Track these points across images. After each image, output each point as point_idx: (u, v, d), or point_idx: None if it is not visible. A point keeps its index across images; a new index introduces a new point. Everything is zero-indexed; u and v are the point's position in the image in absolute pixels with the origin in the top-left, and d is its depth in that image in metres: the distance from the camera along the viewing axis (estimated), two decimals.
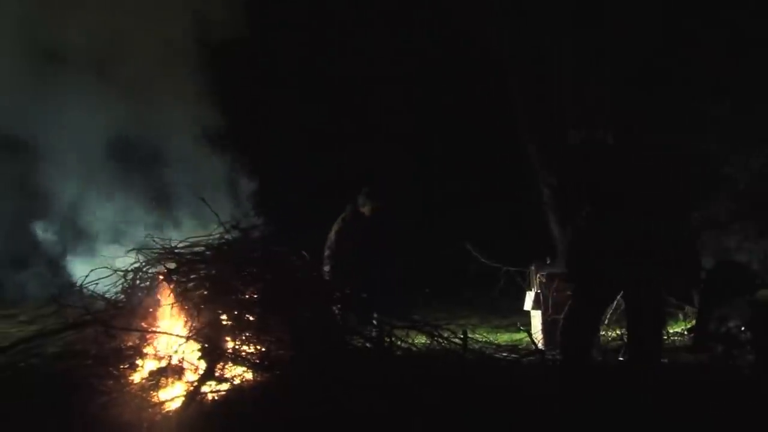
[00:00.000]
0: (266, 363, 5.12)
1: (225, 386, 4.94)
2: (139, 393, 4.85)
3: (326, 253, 7.36)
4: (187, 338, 5.14)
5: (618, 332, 8.12)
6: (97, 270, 5.58)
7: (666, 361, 6.28)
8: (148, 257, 5.74)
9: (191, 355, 5.10)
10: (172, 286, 5.50)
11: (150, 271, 5.72)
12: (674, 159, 5.83)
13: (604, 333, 8.21)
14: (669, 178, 5.64)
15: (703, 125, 8.40)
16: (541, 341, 7.80)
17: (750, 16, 8.30)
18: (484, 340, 6.57)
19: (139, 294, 5.64)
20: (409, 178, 9.49)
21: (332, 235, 7.45)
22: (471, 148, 14.81)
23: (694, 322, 7.46)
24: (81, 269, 5.99)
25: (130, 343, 5.30)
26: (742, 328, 6.42)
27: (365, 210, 7.49)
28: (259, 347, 5.22)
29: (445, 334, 5.91)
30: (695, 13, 8.73)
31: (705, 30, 8.62)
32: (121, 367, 5.11)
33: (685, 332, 7.98)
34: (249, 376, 5.08)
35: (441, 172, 14.89)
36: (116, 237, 6.88)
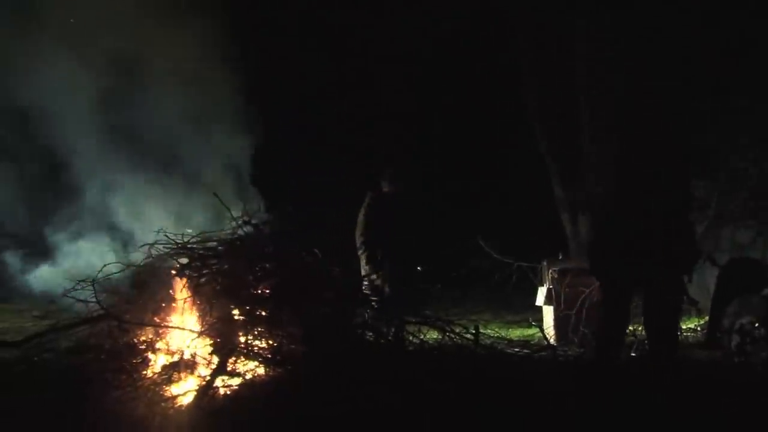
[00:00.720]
0: (278, 358, 5.13)
1: (237, 381, 4.96)
2: (152, 387, 4.87)
3: (360, 240, 7.37)
4: (200, 333, 5.16)
5: (630, 328, 8.10)
6: (111, 265, 5.61)
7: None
8: (161, 252, 5.76)
9: (203, 349, 5.12)
10: (184, 281, 5.52)
11: (163, 266, 5.74)
12: (687, 155, 5.80)
13: None
14: (682, 174, 5.63)
15: (713, 121, 8.38)
16: (552, 336, 7.79)
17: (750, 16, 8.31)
18: (496, 335, 6.56)
19: (152, 289, 5.65)
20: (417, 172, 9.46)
21: (361, 220, 7.45)
22: (483, 145, 14.83)
23: (707, 318, 7.43)
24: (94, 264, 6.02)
25: (143, 338, 5.33)
26: (756, 325, 6.38)
27: (388, 189, 7.52)
28: (271, 342, 5.23)
29: (457, 330, 5.90)
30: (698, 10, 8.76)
31: (707, 29, 8.62)
32: (134, 361, 5.13)
33: (698, 328, 7.95)
34: (261, 370, 5.10)
35: (452, 169, 14.91)
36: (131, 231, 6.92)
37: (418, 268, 7.46)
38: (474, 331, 5.94)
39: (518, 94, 12.72)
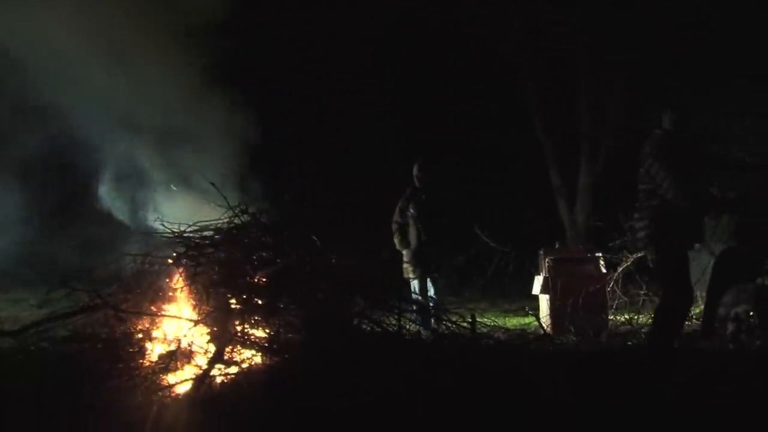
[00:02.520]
0: (275, 347, 5.13)
1: (234, 370, 4.96)
2: (149, 376, 4.87)
3: (394, 227, 8.20)
4: (197, 322, 5.16)
5: (626, 317, 8.13)
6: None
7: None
8: (158, 241, 5.76)
9: (200, 338, 5.12)
10: (181, 270, 5.52)
11: (159, 255, 5.73)
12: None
13: (612, 318, 8.23)
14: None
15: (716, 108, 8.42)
16: (549, 325, 7.81)
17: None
18: (492, 324, 6.58)
19: (149, 278, 5.66)
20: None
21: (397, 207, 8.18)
22: (481, 134, 14.82)
23: (702, 306, 7.45)
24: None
25: (139, 327, 5.33)
26: (750, 313, 6.40)
27: (417, 180, 8.14)
28: (267, 331, 5.23)
29: (454, 319, 5.91)
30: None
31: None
32: (131, 350, 5.14)
33: (694, 317, 7.97)
34: (258, 359, 5.10)
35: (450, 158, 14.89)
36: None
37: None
38: (470, 320, 5.94)
39: (515, 83, 12.76)
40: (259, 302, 5.36)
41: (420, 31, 13.31)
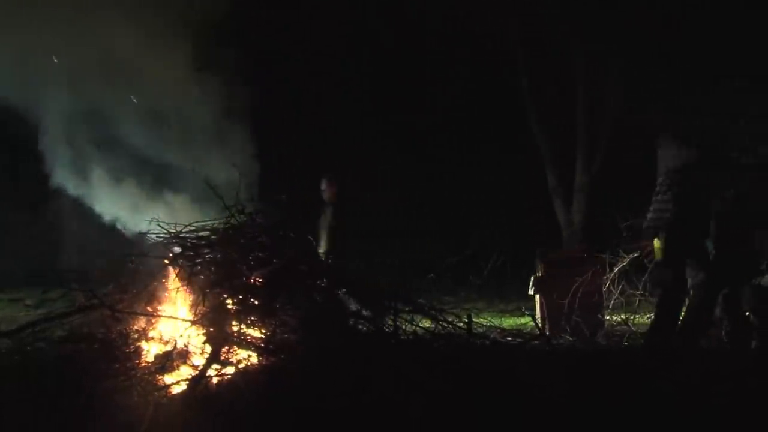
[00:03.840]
0: (271, 347, 5.13)
1: (230, 370, 4.96)
2: (145, 376, 4.87)
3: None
4: (193, 322, 5.16)
5: (623, 317, 8.13)
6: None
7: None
8: (154, 242, 5.76)
9: (197, 338, 5.12)
10: (177, 271, 5.52)
11: (156, 255, 5.73)
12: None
13: (609, 318, 8.23)
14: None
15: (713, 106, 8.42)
16: (545, 325, 7.81)
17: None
18: (489, 324, 6.58)
19: (146, 278, 5.65)
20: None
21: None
22: (479, 137, 14.85)
23: None
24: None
25: (136, 327, 5.32)
26: (747, 314, 6.40)
27: (323, 194, 7.94)
28: (264, 331, 5.23)
29: (450, 318, 5.91)
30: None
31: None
32: (127, 350, 5.13)
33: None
34: (254, 359, 5.10)
35: (449, 159, 14.92)
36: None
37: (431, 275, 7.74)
38: (467, 320, 5.94)
39: (512, 82, 12.76)
40: (256, 302, 5.37)
41: (418, 31, 13.32)
